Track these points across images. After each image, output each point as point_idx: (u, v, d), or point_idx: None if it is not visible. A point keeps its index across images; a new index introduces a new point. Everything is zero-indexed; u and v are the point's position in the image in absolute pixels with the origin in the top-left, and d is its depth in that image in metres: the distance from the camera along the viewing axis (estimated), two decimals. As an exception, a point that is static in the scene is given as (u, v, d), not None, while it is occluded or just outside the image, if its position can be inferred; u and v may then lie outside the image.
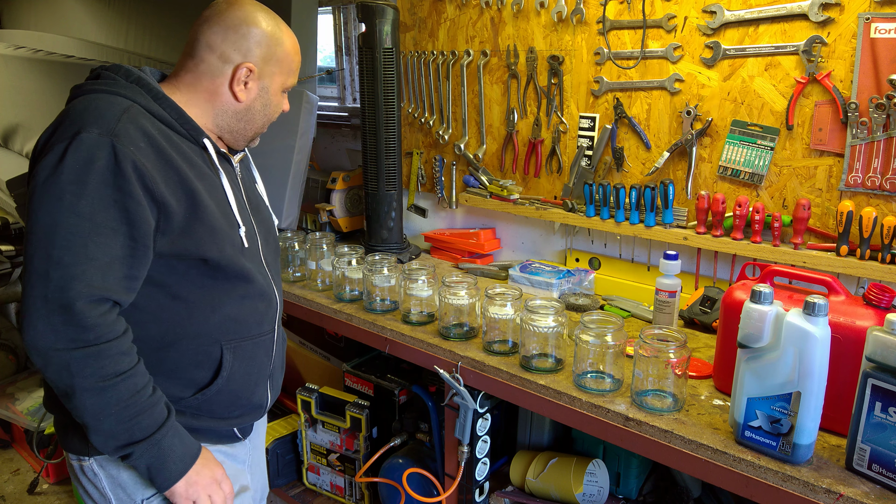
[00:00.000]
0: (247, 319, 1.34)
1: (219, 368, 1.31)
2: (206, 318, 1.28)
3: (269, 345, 1.41)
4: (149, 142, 1.16)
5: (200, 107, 1.29)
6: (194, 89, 1.29)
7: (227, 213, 1.29)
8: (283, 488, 2.35)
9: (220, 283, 1.28)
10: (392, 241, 2.26)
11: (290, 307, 2.07)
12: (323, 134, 2.84)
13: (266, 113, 1.36)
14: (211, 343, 1.29)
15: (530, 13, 1.99)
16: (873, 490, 1.08)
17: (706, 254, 1.81)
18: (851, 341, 1.18)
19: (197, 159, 1.25)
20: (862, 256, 1.50)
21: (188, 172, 1.21)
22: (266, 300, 1.38)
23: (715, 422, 1.28)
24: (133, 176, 1.12)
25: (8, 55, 3.67)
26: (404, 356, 1.75)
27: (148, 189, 1.13)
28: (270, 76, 1.32)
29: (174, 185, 1.18)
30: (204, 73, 1.28)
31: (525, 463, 1.73)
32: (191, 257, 1.23)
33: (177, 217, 1.18)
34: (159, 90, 1.24)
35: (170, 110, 1.24)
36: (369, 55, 2.09)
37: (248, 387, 1.37)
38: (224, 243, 1.26)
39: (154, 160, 1.15)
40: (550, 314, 1.49)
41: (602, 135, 1.92)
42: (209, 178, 1.27)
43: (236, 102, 1.30)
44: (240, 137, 1.36)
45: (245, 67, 1.27)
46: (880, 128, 1.45)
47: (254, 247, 1.36)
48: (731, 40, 1.64)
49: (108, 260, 1.11)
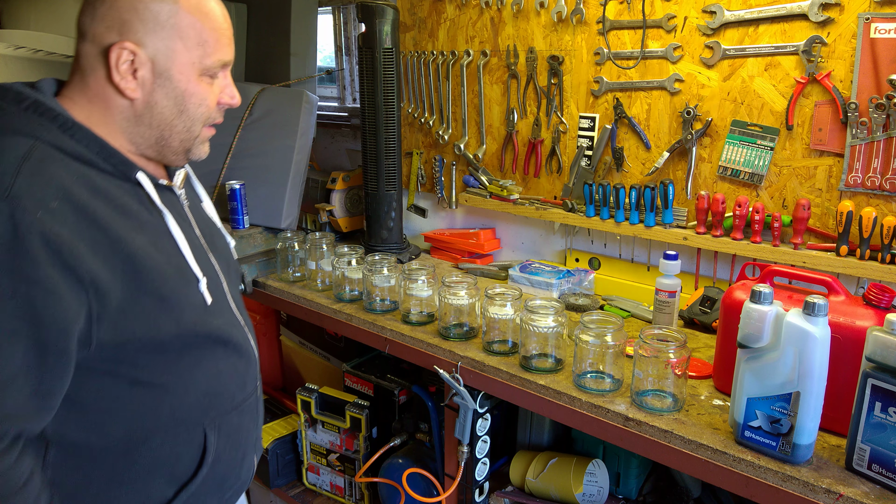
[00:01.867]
0: (228, 388, 1.10)
1: (203, 454, 1.07)
2: (179, 400, 1.03)
3: (254, 408, 1.20)
4: (64, 198, 0.87)
5: (104, 122, 0.98)
6: (87, 97, 0.98)
7: (181, 267, 1.02)
8: (282, 488, 2.35)
9: (187, 356, 1.03)
10: (392, 241, 2.26)
11: (290, 307, 2.07)
12: (323, 134, 2.84)
13: (181, 109, 1.02)
14: (191, 428, 1.05)
15: (530, 13, 1.99)
16: (873, 490, 1.08)
17: (706, 254, 1.81)
18: (851, 341, 1.18)
19: (131, 203, 0.97)
20: (862, 256, 1.50)
21: (122, 229, 0.92)
22: (245, 357, 1.15)
23: (715, 422, 1.28)
24: (42, 254, 0.82)
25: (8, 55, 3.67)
26: (404, 356, 1.75)
27: (69, 268, 0.85)
28: (167, 55, 0.97)
29: (106, 252, 0.89)
30: (85, 70, 0.97)
31: (525, 463, 1.73)
32: (143, 338, 0.96)
33: (114, 294, 0.90)
34: (67, 116, 0.93)
35: (87, 143, 0.94)
36: (369, 55, 2.09)
37: (236, 463, 1.15)
38: (182, 311, 1.00)
39: (73, 224, 0.86)
40: (550, 314, 1.49)
41: (602, 135, 1.92)
42: (150, 227, 0.99)
43: (131, 102, 0.98)
44: (167, 151, 1.04)
45: (121, 48, 0.94)
46: (880, 128, 1.45)
47: (220, 296, 1.10)
48: (731, 40, 1.64)
49: (7, 375, 0.82)
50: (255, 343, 1.21)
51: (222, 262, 1.17)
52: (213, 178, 2.30)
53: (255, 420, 1.21)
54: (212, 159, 2.29)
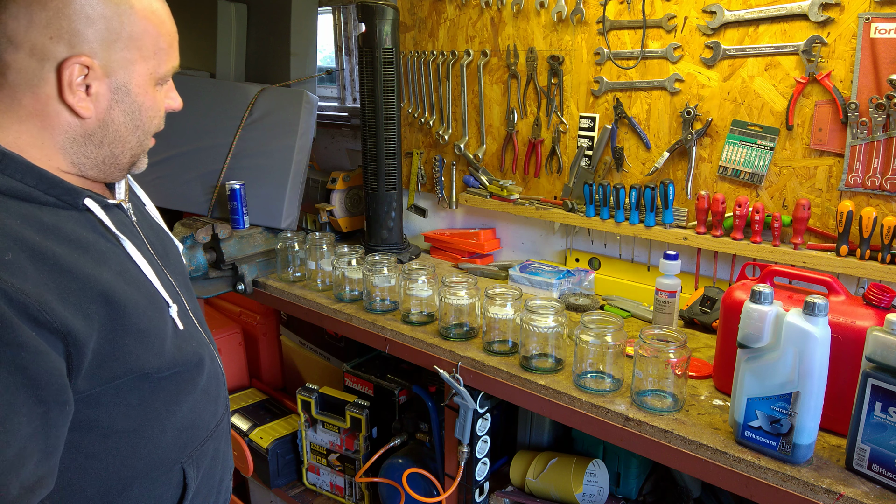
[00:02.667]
0: (202, 417, 1.04)
1: (183, 492, 1.01)
2: (154, 444, 0.95)
3: (226, 430, 1.13)
4: (17, 247, 0.77)
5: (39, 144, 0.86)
6: (17, 116, 0.84)
7: (152, 294, 0.93)
8: (283, 488, 2.35)
9: (162, 391, 0.94)
10: (392, 241, 2.26)
11: (290, 307, 2.07)
12: (323, 134, 2.84)
13: (137, 124, 0.93)
14: (168, 469, 0.98)
15: (530, 13, 1.99)
16: (873, 490, 1.08)
17: (706, 254, 1.81)
18: (851, 341, 1.18)
19: (85, 234, 0.87)
20: (862, 256, 1.50)
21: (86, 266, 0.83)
22: (215, 377, 1.08)
23: (715, 422, 1.28)
24: (11, 314, 0.74)
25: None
26: (404, 356, 1.75)
27: (39, 323, 0.76)
28: (125, 67, 0.88)
29: (75, 296, 0.80)
30: (18, 85, 0.83)
31: (525, 463, 1.73)
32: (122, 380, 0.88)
33: (91, 341, 0.82)
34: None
35: (22, 176, 0.82)
36: (369, 55, 2.09)
37: (214, 489, 1.10)
38: (162, 342, 0.92)
39: (34, 273, 0.77)
40: (550, 314, 1.49)
41: (602, 135, 1.92)
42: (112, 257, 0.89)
43: (81, 120, 0.87)
44: (112, 168, 0.94)
45: (75, 63, 0.83)
46: (880, 128, 1.45)
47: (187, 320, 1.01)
48: (731, 40, 1.64)
49: (16, 450, 0.74)
50: (220, 358, 1.14)
51: (178, 276, 1.09)
52: (213, 178, 2.30)
53: (228, 441, 1.15)
54: (212, 159, 2.31)
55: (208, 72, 2.63)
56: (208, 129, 2.33)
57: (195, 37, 2.64)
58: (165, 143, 2.35)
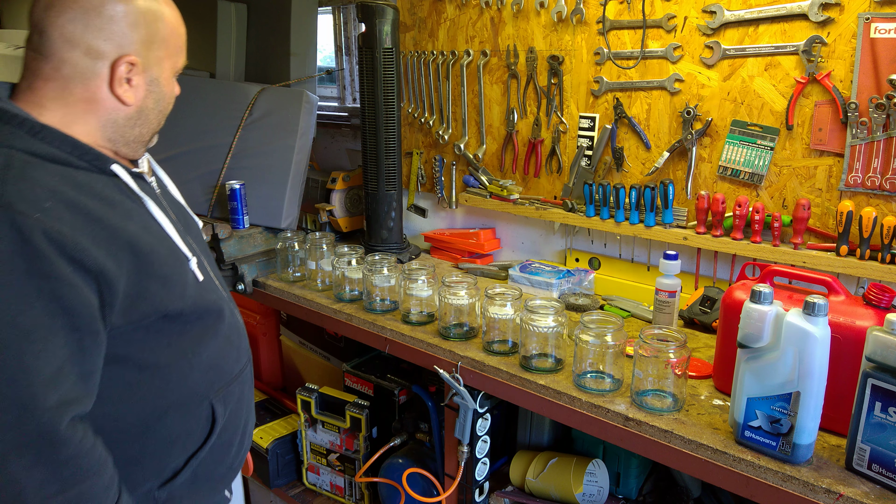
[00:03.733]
0: (227, 360, 1.19)
1: (213, 425, 1.15)
2: (185, 377, 1.09)
3: (250, 378, 1.29)
4: (54, 198, 0.91)
5: (82, 123, 1.02)
6: (65, 102, 1.00)
7: (173, 248, 1.08)
8: (282, 488, 2.35)
9: (187, 331, 1.09)
10: (392, 241, 2.26)
11: (290, 307, 2.07)
12: (323, 134, 2.84)
13: (160, 108, 1.13)
14: (198, 403, 1.12)
15: (530, 13, 1.99)
16: (873, 490, 1.08)
17: (706, 254, 1.81)
18: (851, 341, 1.18)
19: (113, 194, 1.01)
20: (862, 256, 1.50)
21: (115, 219, 0.97)
22: (236, 330, 1.24)
23: (715, 422, 1.28)
24: (51, 251, 0.87)
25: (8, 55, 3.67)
26: (404, 356, 1.75)
27: (75, 261, 0.90)
28: (158, 63, 1.07)
29: (106, 242, 0.94)
30: (71, 77, 1.00)
31: (525, 463, 1.73)
32: (150, 319, 1.02)
33: (121, 283, 0.95)
34: (33, 120, 0.96)
35: (59, 144, 0.97)
36: (369, 55, 2.09)
37: (239, 429, 1.24)
38: (184, 286, 1.07)
39: (70, 220, 0.91)
40: (550, 314, 1.49)
41: (602, 135, 1.92)
42: (137, 214, 1.04)
43: (124, 107, 1.05)
44: (138, 145, 1.12)
45: (125, 62, 1.01)
46: (880, 128, 1.45)
47: (206, 274, 1.16)
48: (731, 40, 1.64)
49: (55, 368, 0.89)
50: (240, 317, 1.29)
51: (198, 242, 1.23)
52: (213, 178, 2.30)
53: (251, 389, 1.30)
54: (212, 159, 2.31)
55: (208, 72, 2.63)
56: (208, 129, 2.33)
57: (195, 37, 2.62)
58: (165, 143, 2.35)
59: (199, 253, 1.19)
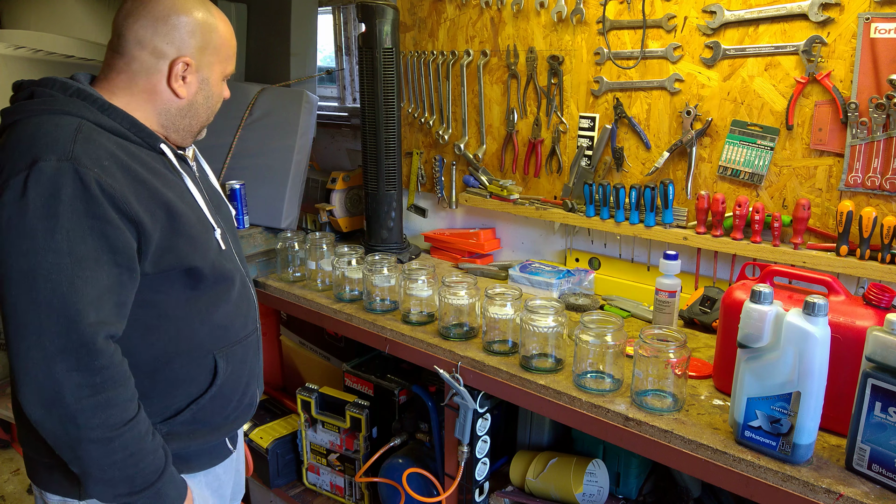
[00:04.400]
0: (234, 323, 1.33)
1: (214, 377, 1.30)
2: (195, 331, 1.26)
3: (255, 344, 1.42)
4: (111, 159, 1.10)
5: (142, 108, 1.23)
6: (131, 91, 1.22)
7: (202, 217, 1.25)
8: (283, 488, 2.35)
9: (204, 292, 1.26)
10: (392, 241, 2.26)
11: (290, 307, 2.07)
12: (323, 134, 2.84)
13: (209, 105, 1.32)
14: (203, 355, 1.28)
15: (530, 13, 1.99)
16: (873, 490, 1.08)
17: (706, 254, 1.81)
18: (851, 341, 1.18)
19: (159, 167, 1.21)
20: (862, 256, 1.50)
21: (156, 184, 1.16)
22: (247, 300, 1.38)
23: (715, 422, 1.28)
24: (104, 199, 1.06)
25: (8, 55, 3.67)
26: (404, 356, 1.75)
27: (121, 210, 1.08)
28: (209, 66, 1.27)
29: (146, 201, 1.13)
30: (138, 71, 1.21)
31: (525, 463, 1.73)
32: (175, 272, 1.20)
33: (155, 235, 1.13)
34: (104, 100, 1.17)
35: (120, 120, 1.17)
36: (369, 55, 2.09)
37: (240, 388, 1.37)
38: (207, 250, 1.24)
39: (121, 178, 1.10)
40: (550, 314, 1.49)
41: (602, 135, 1.92)
42: (176, 185, 1.22)
43: (178, 99, 1.25)
44: (187, 134, 1.32)
45: (181, 62, 1.21)
46: (880, 128, 1.45)
47: (229, 246, 1.33)
48: (731, 40, 1.64)
49: (97, 293, 1.06)
50: (255, 292, 1.45)
51: (227, 224, 1.39)
52: (213, 178, 2.30)
53: (257, 355, 1.43)
54: (212, 159, 2.31)
55: (208, 72, 2.63)
56: (208, 129, 2.32)
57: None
58: (165, 143, 2.36)
59: (226, 230, 1.35)
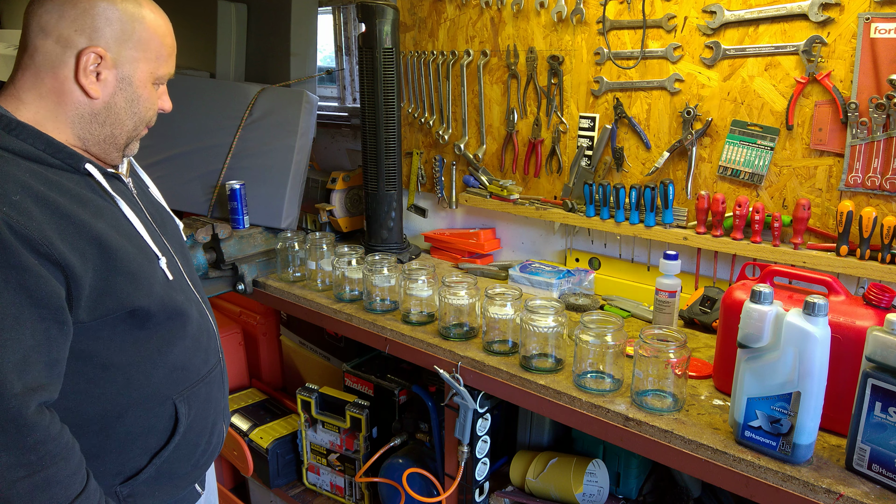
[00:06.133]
0: (193, 361, 1.19)
1: (175, 425, 1.15)
2: (147, 377, 1.10)
3: (219, 378, 1.28)
4: (24, 192, 0.93)
5: (53, 117, 1.04)
6: (38, 93, 1.03)
7: (142, 247, 1.09)
8: (283, 488, 2.35)
9: (153, 332, 1.10)
10: (392, 241, 2.26)
11: (290, 307, 2.07)
12: (323, 134, 2.84)
13: (134, 111, 1.11)
14: (160, 402, 1.13)
15: (530, 13, 1.99)
16: (873, 490, 1.08)
17: (706, 254, 1.81)
18: (851, 341, 1.18)
19: (85, 193, 1.03)
20: (862, 256, 1.50)
21: (83, 216, 0.99)
22: (206, 332, 1.24)
23: (715, 422, 1.28)
24: (17, 243, 0.90)
25: (8, 55, 3.67)
26: (404, 356, 1.75)
27: (41, 254, 0.92)
28: (131, 63, 1.07)
29: (72, 238, 0.96)
30: (42, 66, 1.02)
31: (525, 463, 1.73)
32: (116, 315, 1.04)
33: (87, 277, 0.98)
34: (10, 117, 0.99)
35: (33, 140, 0.99)
36: (369, 55, 2.09)
37: (207, 430, 1.24)
38: (152, 284, 1.08)
39: (38, 215, 0.93)
40: (550, 314, 1.49)
41: (602, 135, 1.92)
42: (108, 212, 1.05)
43: (90, 101, 1.05)
44: (110, 147, 1.11)
45: (92, 52, 1.02)
46: (880, 128, 1.45)
47: (178, 274, 1.18)
48: (731, 40, 1.64)
49: (21, 356, 0.91)
50: (213, 319, 1.29)
51: (174, 243, 1.24)
52: (213, 178, 2.30)
53: (222, 390, 1.29)
54: (212, 159, 2.31)
55: (208, 72, 2.63)
56: (208, 129, 2.33)
57: (195, 37, 2.64)
58: (165, 143, 2.36)
59: (173, 253, 1.20)
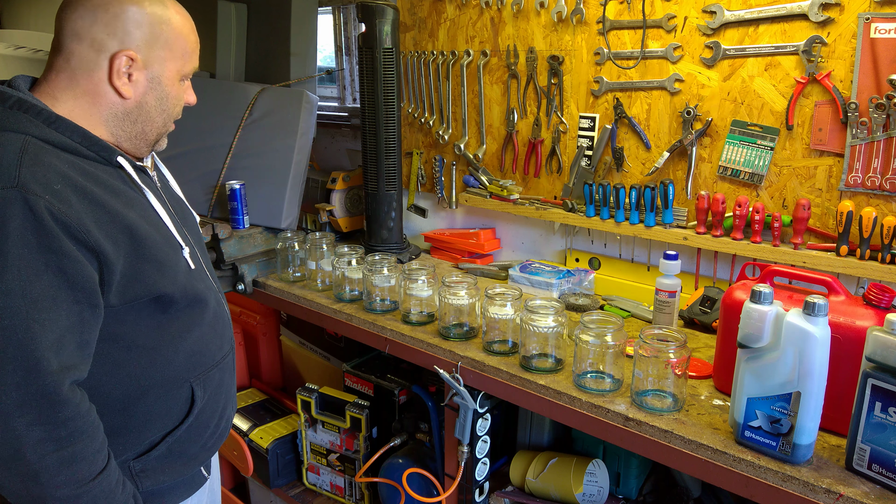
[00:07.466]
0: (209, 347, 1.25)
1: (191, 406, 1.22)
2: (168, 360, 1.16)
3: (231, 365, 1.35)
4: (64, 182, 0.99)
5: (88, 115, 1.10)
6: (73, 93, 1.09)
7: (168, 237, 1.15)
8: (282, 488, 2.35)
9: (175, 318, 1.16)
10: (392, 241, 2.26)
11: (290, 307, 2.07)
12: (323, 134, 2.84)
13: (164, 108, 1.18)
14: (179, 384, 1.19)
15: (530, 13, 1.99)
16: (873, 490, 1.08)
17: (706, 254, 1.81)
18: (851, 341, 1.18)
19: (117, 184, 1.09)
20: (862, 256, 1.50)
21: (117, 205, 1.05)
22: (221, 319, 1.30)
23: (715, 422, 1.28)
24: (58, 229, 0.95)
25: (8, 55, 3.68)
26: (404, 356, 1.75)
27: (79, 240, 0.98)
28: (160, 63, 1.13)
29: (107, 226, 1.02)
30: (77, 69, 1.08)
31: (525, 463, 1.73)
32: (143, 300, 1.09)
33: (118, 264, 1.03)
34: (50, 111, 1.04)
35: (70, 133, 1.05)
36: (369, 55, 2.09)
37: (217, 413, 1.30)
38: (176, 273, 1.14)
39: (77, 203, 0.99)
40: (550, 314, 1.49)
41: (602, 135, 1.92)
42: (137, 203, 1.11)
43: (123, 101, 1.11)
44: (141, 143, 1.18)
45: (124, 56, 1.08)
46: (880, 128, 1.45)
47: (198, 264, 1.23)
48: (731, 40, 1.64)
49: (57, 336, 0.96)
50: (227, 308, 1.36)
51: (193, 235, 1.30)
52: (213, 178, 2.30)
53: (232, 376, 1.36)
54: (212, 159, 2.31)
55: (208, 72, 2.63)
56: (208, 129, 2.33)
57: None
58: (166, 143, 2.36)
59: (194, 244, 1.26)
